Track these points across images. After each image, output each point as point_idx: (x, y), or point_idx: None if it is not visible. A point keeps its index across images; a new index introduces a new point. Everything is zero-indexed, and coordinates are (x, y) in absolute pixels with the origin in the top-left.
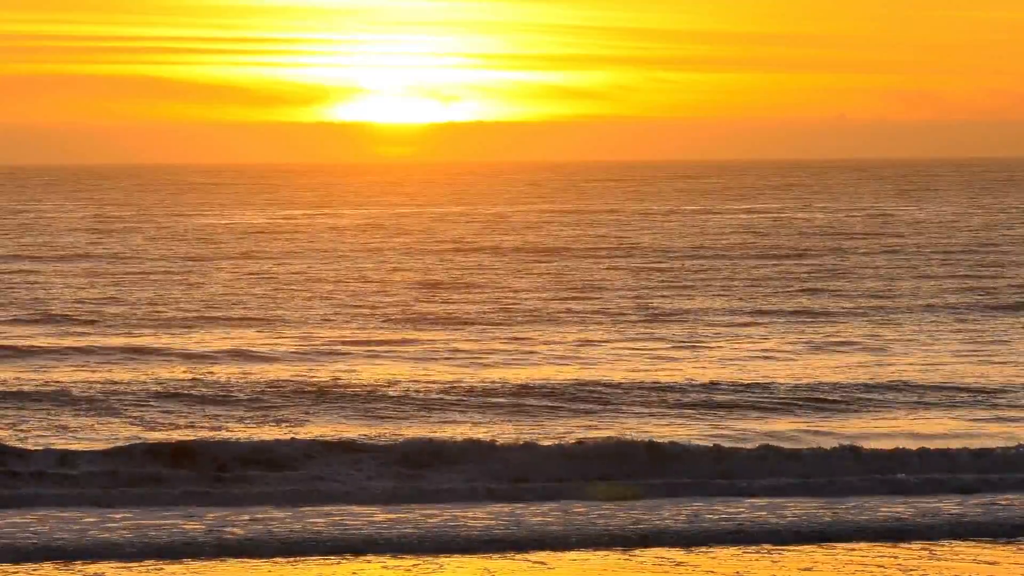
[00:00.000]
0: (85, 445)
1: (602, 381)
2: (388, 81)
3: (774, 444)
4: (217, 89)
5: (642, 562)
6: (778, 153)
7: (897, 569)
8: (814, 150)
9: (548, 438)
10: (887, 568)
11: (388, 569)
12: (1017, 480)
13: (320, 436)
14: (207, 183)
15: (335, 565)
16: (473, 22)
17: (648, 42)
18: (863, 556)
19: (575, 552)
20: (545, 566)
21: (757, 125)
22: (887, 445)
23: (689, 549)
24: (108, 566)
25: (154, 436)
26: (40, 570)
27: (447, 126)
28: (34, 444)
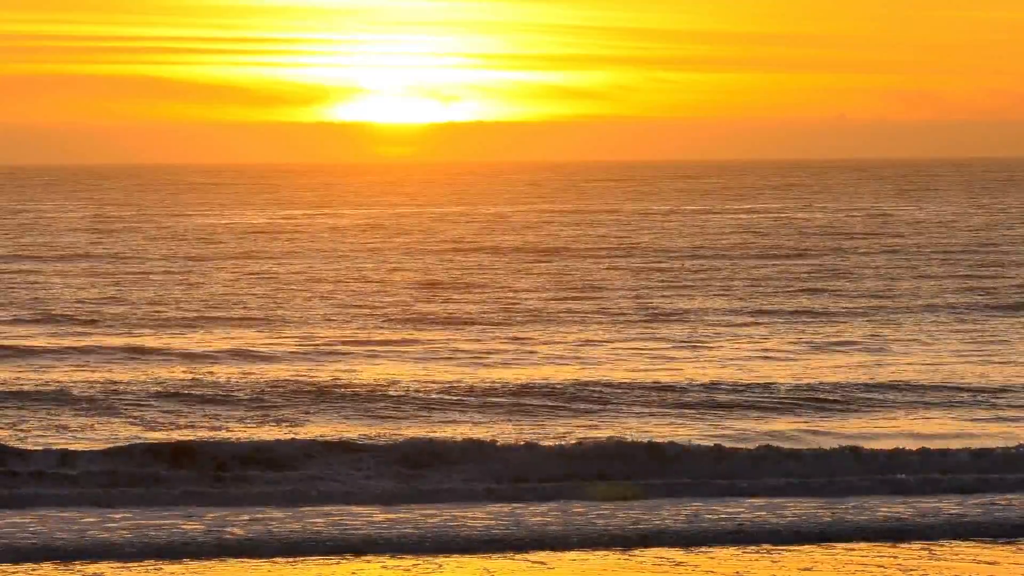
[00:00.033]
0: (85, 445)
1: (602, 381)
2: (388, 81)
3: (774, 444)
4: (217, 89)
5: (642, 562)
6: (778, 153)
7: (897, 569)
8: (814, 150)
9: (548, 438)
10: (887, 568)
11: (388, 569)
12: (1017, 480)
13: (320, 436)
14: (207, 183)
15: (335, 565)
16: (473, 22)
17: (648, 42)
18: (863, 556)
19: (575, 552)
20: (545, 566)
21: (757, 125)
22: (887, 445)
23: (689, 549)
24: (108, 566)
25: (154, 436)
26: (40, 570)
27: (447, 126)
28: (34, 444)
